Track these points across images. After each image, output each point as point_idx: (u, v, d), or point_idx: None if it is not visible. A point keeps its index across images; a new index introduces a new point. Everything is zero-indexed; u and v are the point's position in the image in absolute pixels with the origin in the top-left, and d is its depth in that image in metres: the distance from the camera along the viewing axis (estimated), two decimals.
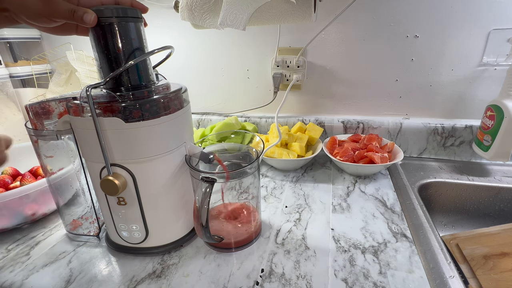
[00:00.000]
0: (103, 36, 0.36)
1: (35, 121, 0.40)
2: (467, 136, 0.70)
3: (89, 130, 0.36)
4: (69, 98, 0.38)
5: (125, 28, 0.36)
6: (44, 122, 0.40)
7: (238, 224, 0.45)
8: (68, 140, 0.43)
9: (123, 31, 0.36)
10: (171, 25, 0.82)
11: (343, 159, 0.64)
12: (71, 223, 0.49)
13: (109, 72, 0.37)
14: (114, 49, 0.36)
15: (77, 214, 0.50)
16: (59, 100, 0.39)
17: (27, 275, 0.41)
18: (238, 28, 0.51)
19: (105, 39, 0.36)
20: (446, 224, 0.66)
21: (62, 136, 0.41)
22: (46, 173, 0.46)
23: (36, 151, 0.44)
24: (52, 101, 0.39)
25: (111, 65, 0.37)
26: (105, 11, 0.34)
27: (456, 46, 0.66)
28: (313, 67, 0.77)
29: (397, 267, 0.40)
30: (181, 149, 0.42)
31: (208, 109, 0.91)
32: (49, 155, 0.45)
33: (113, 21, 0.35)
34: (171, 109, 0.39)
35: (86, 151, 0.39)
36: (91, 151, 0.38)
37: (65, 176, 0.48)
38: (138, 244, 0.43)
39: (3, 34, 0.87)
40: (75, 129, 0.38)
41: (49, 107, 0.40)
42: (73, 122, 0.38)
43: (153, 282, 0.39)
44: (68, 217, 0.50)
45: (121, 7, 0.35)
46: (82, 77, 0.86)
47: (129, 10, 0.36)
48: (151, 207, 0.41)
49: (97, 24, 0.35)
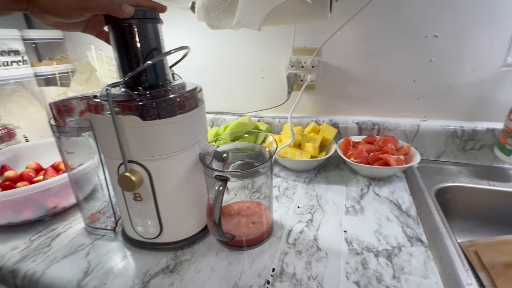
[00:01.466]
0: (122, 37, 0.37)
1: (58, 118, 0.42)
2: (488, 140, 0.68)
3: (108, 127, 0.37)
4: (90, 97, 0.39)
5: (143, 29, 0.37)
6: (66, 119, 0.42)
7: (250, 223, 0.46)
8: (88, 137, 0.44)
9: (142, 31, 0.37)
10: (187, 26, 0.84)
11: (357, 160, 0.63)
12: (89, 217, 0.51)
13: (128, 71, 0.38)
14: (133, 49, 0.37)
15: (95, 209, 0.52)
16: (81, 98, 0.41)
17: (48, 265, 0.43)
18: (253, 29, 0.51)
19: (124, 39, 0.37)
20: (465, 230, 0.64)
21: (83, 133, 0.42)
22: (67, 168, 0.48)
23: (58, 147, 0.46)
24: (74, 99, 0.41)
25: (130, 64, 0.38)
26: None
27: (478, 46, 0.64)
28: (327, 68, 0.76)
29: (411, 272, 0.39)
30: (195, 148, 0.43)
31: (222, 108, 0.91)
32: (70, 151, 0.47)
33: (132, 22, 0.36)
34: (186, 108, 0.40)
35: (104, 147, 0.41)
36: (110, 148, 0.39)
37: (84, 171, 0.50)
38: (153, 240, 0.45)
39: (29, 35, 0.91)
40: (95, 126, 0.40)
41: (71, 105, 0.41)
42: (93, 119, 0.40)
43: (166, 276, 0.40)
44: (86, 211, 0.52)
45: (140, 9, 0.36)
46: (101, 77, 0.89)
47: (148, 12, 0.37)
48: (165, 204, 0.42)
49: (117, 25, 0.36)
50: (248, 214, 0.47)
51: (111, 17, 0.35)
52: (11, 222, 0.51)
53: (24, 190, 0.48)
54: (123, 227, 0.49)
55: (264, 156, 0.47)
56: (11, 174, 0.60)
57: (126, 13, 0.34)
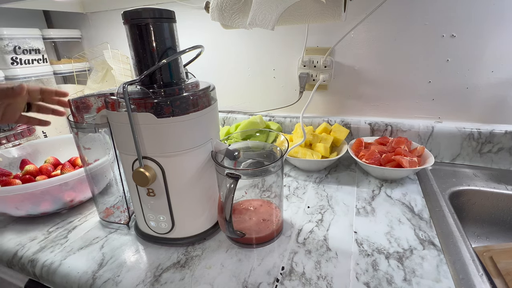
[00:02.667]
0: (139, 36, 0.38)
1: (76, 114, 0.44)
2: (507, 143, 0.66)
3: (123, 124, 0.38)
4: (107, 94, 0.41)
5: (159, 28, 0.38)
6: (84, 116, 0.44)
7: (260, 220, 0.46)
8: (105, 133, 0.46)
9: (158, 31, 0.38)
10: (200, 25, 0.85)
11: (369, 161, 0.62)
12: (104, 211, 0.53)
13: (144, 69, 0.39)
14: (149, 48, 0.38)
15: (109, 203, 0.54)
16: (98, 95, 0.42)
17: (65, 256, 0.45)
18: (267, 28, 0.51)
19: (141, 38, 0.38)
20: (480, 235, 0.62)
21: (100, 129, 0.44)
22: (84, 163, 0.50)
23: (76, 143, 0.48)
24: (91, 96, 0.42)
25: (146, 63, 0.39)
26: (142, 12, 0.37)
27: (498, 46, 0.62)
28: (340, 67, 0.76)
29: (423, 275, 0.39)
30: (207, 145, 0.43)
31: (234, 107, 0.92)
32: (87, 147, 0.49)
33: (148, 22, 0.37)
34: (200, 106, 0.40)
35: (120, 143, 0.42)
36: (125, 144, 0.41)
37: (100, 166, 0.51)
38: (165, 235, 0.46)
39: (50, 34, 0.94)
40: (111, 122, 0.41)
41: (88, 102, 0.43)
42: (109, 116, 0.41)
43: (177, 271, 0.41)
44: (101, 205, 0.53)
45: (157, 8, 0.37)
46: (117, 75, 0.91)
47: (164, 12, 0.38)
48: (178, 200, 0.43)
49: (134, 24, 0.37)
50: (258, 212, 0.48)
51: (128, 16, 0.36)
52: (30, 213, 0.53)
53: (43, 184, 0.50)
54: (136, 221, 0.50)
55: (275, 155, 0.47)
56: (31, 168, 0.62)
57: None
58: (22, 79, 0.86)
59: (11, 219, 0.56)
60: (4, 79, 0.83)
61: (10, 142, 0.78)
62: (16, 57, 0.83)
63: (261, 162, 0.49)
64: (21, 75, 0.85)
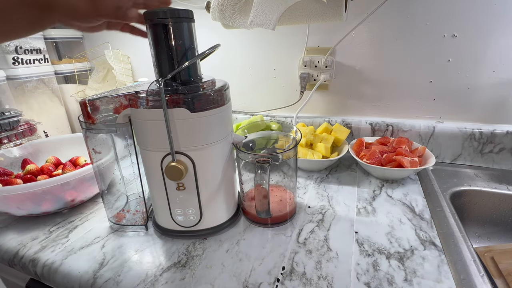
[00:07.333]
0: (165, 35, 0.38)
1: (92, 115, 0.42)
2: (508, 143, 0.65)
3: (151, 120, 0.39)
4: (131, 93, 0.40)
5: (181, 27, 0.39)
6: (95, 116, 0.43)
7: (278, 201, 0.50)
8: (112, 135, 0.46)
9: (180, 30, 0.39)
10: (201, 25, 0.85)
11: (370, 161, 0.62)
12: (115, 215, 0.52)
13: (167, 67, 0.40)
14: (173, 47, 0.39)
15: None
16: (116, 96, 0.41)
17: (66, 256, 0.45)
18: (267, 28, 0.51)
19: (166, 37, 0.39)
20: (481, 236, 0.62)
21: (120, 129, 0.43)
22: (93, 161, 0.49)
23: (86, 144, 0.46)
24: (103, 98, 0.41)
25: (170, 61, 0.40)
26: (166, 12, 0.37)
27: (499, 46, 0.62)
28: (341, 67, 0.75)
29: (424, 275, 0.39)
30: (229, 138, 0.46)
31: (234, 107, 0.92)
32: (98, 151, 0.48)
33: (169, 22, 0.38)
34: (222, 101, 0.42)
35: (145, 141, 0.42)
36: (152, 140, 0.41)
37: (104, 165, 0.50)
38: (192, 227, 0.47)
39: (51, 34, 0.94)
40: (135, 121, 0.41)
41: (98, 103, 0.42)
42: (135, 114, 0.41)
43: (178, 271, 0.41)
44: (110, 211, 0.52)
45: (176, 8, 0.38)
46: (118, 75, 0.91)
47: (181, 12, 0.38)
48: (205, 191, 0.45)
49: (156, 24, 0.38)
50: (273, 195, 0.51)
51: (149, 15, 0.38)
52: (31, 213, 0.53)
53: (44, 183, 0.50)
54: (154, 219, 0.50)
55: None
56: (32, 168, 0.62)
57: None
58: (24, 79, 0.86)
59: (12, 219, 0.56)
60: (5, 79, 0.83)
61: (11, 141, 0.78)
62: (17, 57, 0.84)
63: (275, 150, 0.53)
64: (22, 75, 0.85)
